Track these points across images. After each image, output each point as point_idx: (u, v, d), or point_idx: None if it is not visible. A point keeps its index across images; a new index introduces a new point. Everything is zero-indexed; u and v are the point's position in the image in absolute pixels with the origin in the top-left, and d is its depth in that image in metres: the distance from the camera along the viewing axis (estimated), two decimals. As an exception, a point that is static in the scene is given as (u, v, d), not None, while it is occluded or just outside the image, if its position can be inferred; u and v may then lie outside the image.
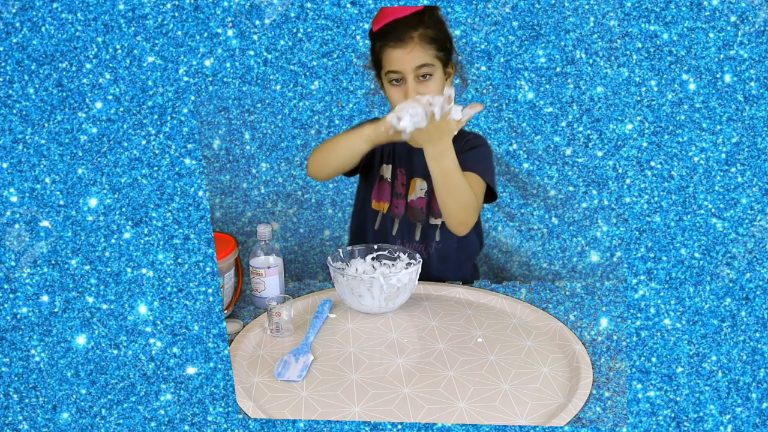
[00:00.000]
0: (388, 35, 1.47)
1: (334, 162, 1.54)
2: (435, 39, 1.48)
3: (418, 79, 1.48)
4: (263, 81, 2.10)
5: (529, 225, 2.22)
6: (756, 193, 0.95)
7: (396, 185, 1.64)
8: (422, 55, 1.46)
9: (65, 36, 0.96)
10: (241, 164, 2.24)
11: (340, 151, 1.51)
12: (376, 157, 1.66)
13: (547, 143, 2.12)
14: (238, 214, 2.29)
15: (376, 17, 1.51)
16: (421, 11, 1.48)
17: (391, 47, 1.46)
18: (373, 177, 1.66)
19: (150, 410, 1.09)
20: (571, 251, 2.22)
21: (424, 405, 1.14)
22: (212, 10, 1.01)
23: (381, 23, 1.49)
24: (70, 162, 1.00)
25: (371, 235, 1.67)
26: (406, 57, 1.46)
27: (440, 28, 1.50)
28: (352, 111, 2.16)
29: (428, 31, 1.47)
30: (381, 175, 1.65)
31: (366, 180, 1.70)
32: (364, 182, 1.71)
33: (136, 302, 1.05)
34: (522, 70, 2.05)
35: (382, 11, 1.49)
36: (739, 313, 0.98)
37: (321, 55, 2.06)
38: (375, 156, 1.65)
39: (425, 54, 1.47)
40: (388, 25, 1.47)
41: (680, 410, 1.02)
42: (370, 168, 1.66)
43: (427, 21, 1.47)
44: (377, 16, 1.51)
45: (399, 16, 1.47)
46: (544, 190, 2.18)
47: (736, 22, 0.91)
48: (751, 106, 0.93)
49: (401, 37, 1.45)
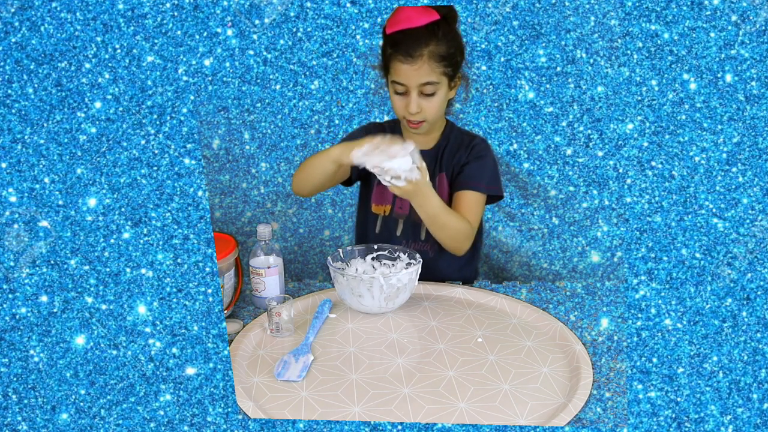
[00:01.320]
0: (399, 46, 1.47)
1: (310, 180, 1.57)
2: (444, 56, 1.47)
3: (422, 94, 1.49)
4: (263, 81, 2.10)
5: (530, 225, 2.22)
6: (757, 193, 0.95)
7: None
8: (429, 74, 1.47)
9: (64, 35, 0.96)
10: (241, 164, 2.23)
11: (312, 171, 1.54)
12: None
13: (547, 143, 2.12)
14: (237, 214, 2.29)
15: (392, 17, 1.50)
16: (437, 23, 1.46)
17: (400, 61, 1.47)
18: (371, 181, 1.66)
19: (149, 411, 1.09)
20: (571, 251, 2.22)
21: (424, 405, 1.14)
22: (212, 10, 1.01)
23: (395, 27, 1.48)
24: (70, 162, 0.99)
25: (373, 239, 1.67)
26: (412, 73, 1.47)
27: (453, 42, 1.49)
28: (352, 111, 2.15)
29: (440, 47, 1.46)
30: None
31: (365, 185, 1.70)
32: (364, 187, 1.71)
33: (135, 302, 1.04)
34: (522, 70, 2.05)
35: (399, 11, 1.49)
36: (740, 314, 0.98)
37: (321, 55, 2.06)
38: None
39: (432, 72, 1.47)
40: (401, 33, 1.47)
41: (681, 411, 1.02)
42: (368, 172, 1.66)
43: (440, 36, 1.46)
44: (393, 17, 1.50)
45: (414, 24, 1.46)
46: (544, 190, 2.18)
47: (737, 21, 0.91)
48: (752, 106, 0.92)
49: (411, 53, 1.45)
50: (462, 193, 1.58)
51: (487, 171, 1.60)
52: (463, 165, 1.60)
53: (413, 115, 1.52)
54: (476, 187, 1.58)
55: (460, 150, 1.61)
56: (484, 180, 1.59)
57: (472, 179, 1.58)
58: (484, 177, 1.59)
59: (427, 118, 1.53)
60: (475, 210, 1.58)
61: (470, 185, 1.57)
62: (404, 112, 1.53)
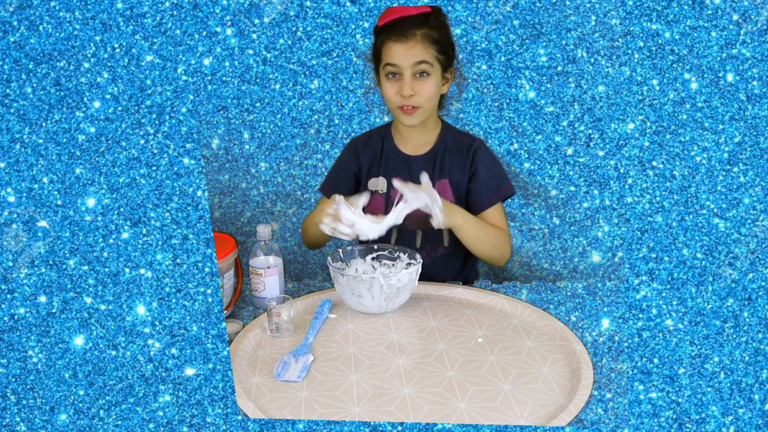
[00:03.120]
0: (392, 30, 1.49)
1: (312, 238, 1.65)
2: (437, 40, 1.49)
3: (415, 76, 1.49)
4: (262, 80, 2.09)
5: (530, 225, 2.22)
6: (758, 192, 0.94)
7: (392, 195, 1.63)
8: (422, 53, 1.47)
9: (63, 35, 0.95)
10: (240, 164, 2.23)
11: (312, 234, 1.62)
12: (363, 175, 1.66)
13: (548, 143, 2.11)
14: (237, 214, 2.29)
15: (383, 14, 1.53)
16: (427, 12, 1.49)
17: (393, 41, 1.48)
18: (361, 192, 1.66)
19: (148, 412, 1.08)
20: (572, 251, 2.21)
21: (425, 405, 1.13)
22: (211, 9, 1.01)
23: (387, 19, 1.51)
24: (68, 162, 0.99)
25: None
26: (406, 52, 1.47)
27: (444, 31, 1.52)
28: (351, 110, 2.15)
29: (431, 31, 1.49)
30: (372, 190, 1.64)
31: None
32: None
33: (134, 303, 1.04)
34: (523, 69, 2.04)
35: (389, 10, 1.52)
36: (742, 314, 0.98)
37: (320, 54, 2.05)
38: (362, 174, 1.66)
39: (425, 52, 1.47)
40: (393, 21, 1.49)
41: (682, 412, 1.02)
42: (360, 187, 1.67)
43: (432, 22, 1.49)
44: (384, 14, 1.53)
45: (406, 14, 1.49)
46: (545, 190, 2.17)
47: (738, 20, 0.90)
48: (754, 106, 0.92)
49: (404, 33, 1.47)
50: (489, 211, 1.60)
51: (496, 177, 1.60)
52: (470, 177, 1.59)
53: (407, 99, 1.50)
54: (494, 202, 1.60)
55: (461, 154, 1.60)
56: (496, 188, 1.59)
57: (487, 195, 1.59)
58: (495, 185, 1.60)
59: (421, 103, 1.51)
60: (500, 220, 1.61)
61: (489, 201, 1.59)
62: (397, 98, 1.51)
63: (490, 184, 1.59)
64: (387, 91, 1.52)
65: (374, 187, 1.64)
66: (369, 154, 1.66)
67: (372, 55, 1.56)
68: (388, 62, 1.49)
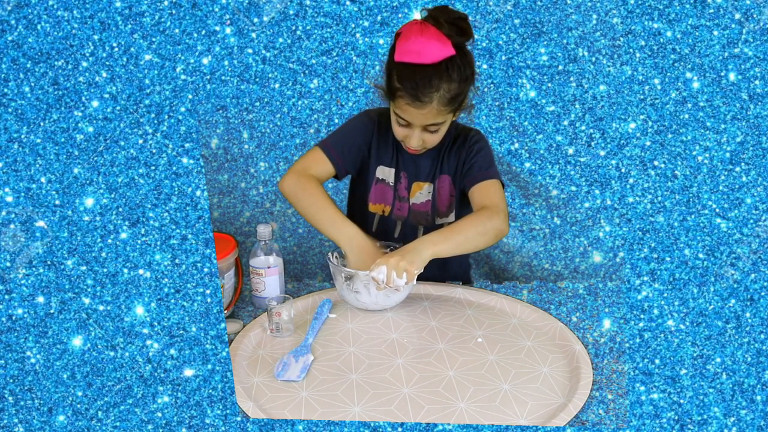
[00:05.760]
0: (407, 85, 1.38)
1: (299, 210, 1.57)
2: (454, 98, 1.40)
3: (425, 130, 1.46)
4: (262, 79, 2.09)
5: (531, 225, 2.21)
6: (761, 192, 0.94)
7: (399, 188, 1.63)
8: (435, 116, 1.42)
9: (61, 34, 0.95)
10: (240, 163, 2.23)
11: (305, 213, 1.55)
12: (372, 159, 1.64)
13: (549, 142, 2.11)
14: (236, 214, 2.29)
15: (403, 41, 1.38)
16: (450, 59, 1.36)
17: (407, 104, 1.40)
18: (368, 179, 1.64)
19: (147, 413, 1.08)
20: (573, 252, 2.21)
21: (424, 405, 1.13)
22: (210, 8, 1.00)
23: (405, 57, 1.38)
24: (66, 161, 0.99)
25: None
26: (418, 115, 1.42)
27: (464, 76, 1.40)
28: (351, 110, 2.15)
29: (451, 88, 1.38)
30: (378, 177, 1.63)
31: (361, 182, 1.67)
32: (359, 185, 1.68)
33: (133, 303, 1.04)
34: (524, 69, 2.04)
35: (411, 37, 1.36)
36: (744, 315, 0.97)
37: (320, 53, 2.05)
38: (371, 157, 1.63)
39: (438, 115, 1.42)
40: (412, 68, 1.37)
41: (684, 413, 1.01)
42: (365, 170, 1.64)
43: (453, 76, 1.37)
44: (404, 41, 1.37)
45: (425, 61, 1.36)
46: (546, 189, 2.17)
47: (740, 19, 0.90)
48: (756, 105, 0.92)
49: (420, 98, 1.37)
50: (478, 186, 1.55)
51: (489, 161, 1.59)
52: (465, 165, 1.59)
53: (413, 147, 1.50)
54: (489, 176, 1.55)
55: (461, 150, 1.60)
56: (492, 168, 1.58)
57: (482, 169, 1.56)
58: (491, 166, 1.58)
59: (428, 147, 1.52)
60: (496, 193, 1.52)
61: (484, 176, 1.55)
62: (405, 140, 1.50)
63: (485, 165, 1.57)
64: (396, 130, 1.50)
65: (382, 175, 1.63)
66: (381, 140, 1.63)
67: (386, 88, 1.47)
68: (399, 114, 1.45)
